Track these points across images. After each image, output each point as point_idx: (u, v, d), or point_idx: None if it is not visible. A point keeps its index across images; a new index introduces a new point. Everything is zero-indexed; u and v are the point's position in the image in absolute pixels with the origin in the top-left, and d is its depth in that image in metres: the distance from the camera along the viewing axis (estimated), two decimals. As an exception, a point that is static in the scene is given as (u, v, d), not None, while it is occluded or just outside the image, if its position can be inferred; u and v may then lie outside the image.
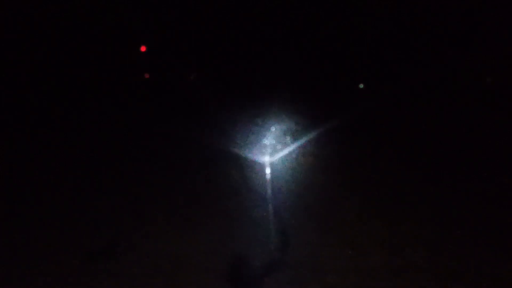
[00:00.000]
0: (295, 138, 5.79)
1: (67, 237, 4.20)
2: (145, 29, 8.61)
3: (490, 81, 7.39)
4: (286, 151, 5.61)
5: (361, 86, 6.82)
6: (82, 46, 8.50)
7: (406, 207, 4.71)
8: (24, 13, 9.43)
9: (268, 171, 5.24)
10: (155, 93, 7.52)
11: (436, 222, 4.41)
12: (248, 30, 8.57)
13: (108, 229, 4.35)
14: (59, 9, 8.89)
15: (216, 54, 8.37)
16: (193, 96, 7.20)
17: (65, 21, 8.78)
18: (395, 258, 3.84)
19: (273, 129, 5.96)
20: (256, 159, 5.46)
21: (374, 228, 4.34)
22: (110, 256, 3.95)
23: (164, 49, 8.47)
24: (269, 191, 5.04)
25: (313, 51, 8.30)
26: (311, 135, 5.92)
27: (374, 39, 8.48)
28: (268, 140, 5.76)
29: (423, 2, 9.77)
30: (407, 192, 5.02)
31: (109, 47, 8.38)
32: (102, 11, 8.70)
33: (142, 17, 8.57)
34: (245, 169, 5.39)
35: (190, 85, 7.57)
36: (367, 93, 7.18)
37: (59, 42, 8.64)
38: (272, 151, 5.52)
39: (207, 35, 8.66)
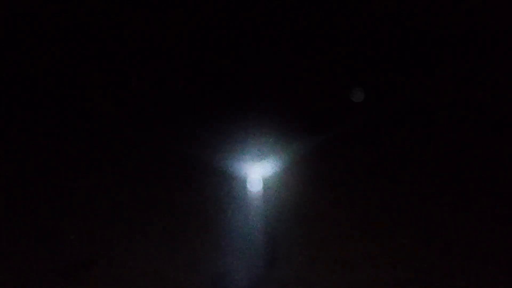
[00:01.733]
0: (284, 152, 5.67)
1: (42, 250, 4.05)
2: (136, 34, 8.57)
3: (484, 94, 7.38)
4: (275, 165, 5.48)
5: (352, 98, 6.81)
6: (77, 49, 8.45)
7: (396, 223, 4.64)
8: (24, 13, 9.38)
9: (255, 185, 5.12)
10: (139, 102, 7.30)
11: (427, 238, 4.36)
12: (239, 38, 8.56)
13: (84, 243, 4.20)
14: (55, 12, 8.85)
15: (203, 62, 8.31)
16: (179, 105, 7.05)
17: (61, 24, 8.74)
18: (384, 274, 3.82)
19: (262, 142, 5.86)
20: (243, 173, 5.31)
21: (363, 243, 4.28)
22: (85, 272, 3.82)
23: (148, 57, 8.38)
24: (256, 205, 4.95)
25: (303, 62, 8.28)
26: (301, 149, 5.83)
27: (365, 50, 8.48)
28: (257, 153, 5.64)
29: (424, 6, 9.81)
30: (397, 207, 4.93)
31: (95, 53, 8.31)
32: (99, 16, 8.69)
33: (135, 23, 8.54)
34: (231, 183, 5.24)
35: (176, 94, 7.43)
36: (359, 105, 7.11)
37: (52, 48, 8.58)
38: (260, 165, 5.38)
39: (196, 45, 8.65)
